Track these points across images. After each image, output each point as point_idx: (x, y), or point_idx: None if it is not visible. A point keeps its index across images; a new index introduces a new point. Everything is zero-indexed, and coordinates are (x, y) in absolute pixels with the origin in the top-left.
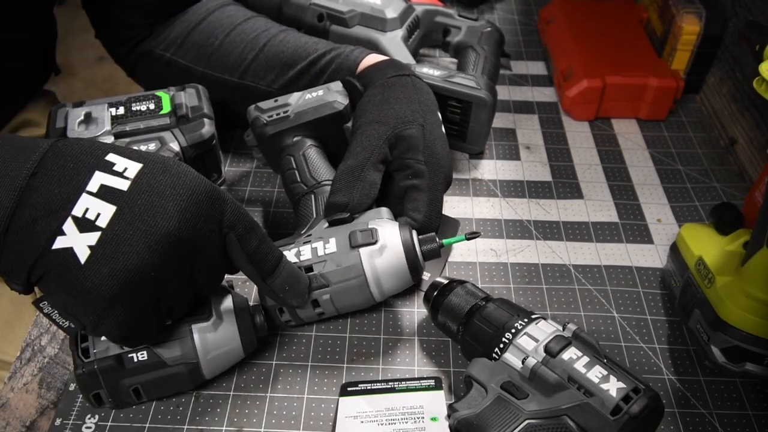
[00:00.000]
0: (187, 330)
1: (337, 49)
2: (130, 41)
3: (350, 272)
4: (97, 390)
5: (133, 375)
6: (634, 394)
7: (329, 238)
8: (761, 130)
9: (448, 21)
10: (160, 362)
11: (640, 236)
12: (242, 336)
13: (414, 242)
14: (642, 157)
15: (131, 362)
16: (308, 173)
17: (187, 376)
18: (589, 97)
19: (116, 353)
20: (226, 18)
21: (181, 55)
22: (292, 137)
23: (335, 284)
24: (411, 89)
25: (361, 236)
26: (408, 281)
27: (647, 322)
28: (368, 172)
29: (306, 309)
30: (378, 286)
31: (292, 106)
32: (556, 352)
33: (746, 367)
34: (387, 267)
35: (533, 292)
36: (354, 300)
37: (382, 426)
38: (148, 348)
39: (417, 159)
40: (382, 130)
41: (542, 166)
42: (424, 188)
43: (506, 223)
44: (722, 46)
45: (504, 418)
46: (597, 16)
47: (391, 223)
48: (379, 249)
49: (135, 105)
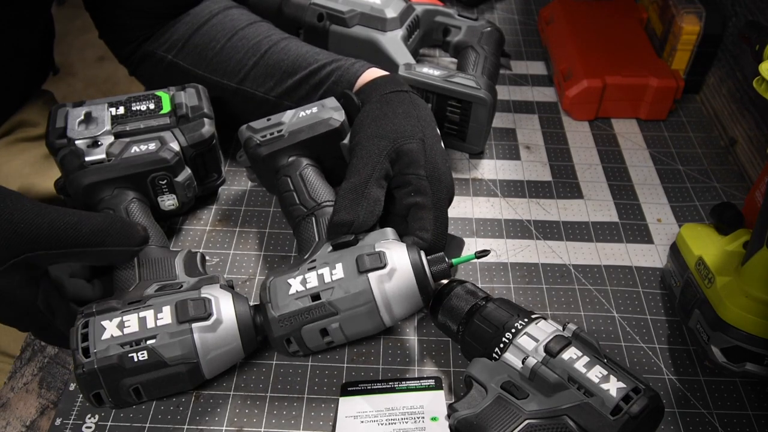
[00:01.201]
0: (188, 329)
1: (338, 61)
2: (133, 42)
3: (359, 299)
4: (98, 390)
5: (133, 375)
6: (634, 394)
7: (335, 263)
8: (761, 130)
9: (448, 21)
10: (161, 362)
11: (640, 236)
12: (242, 336)
13: (423, 264)
14: (642, 157)
15: (131, 362)
16: (307, 194)
17: (187, 376)
18: (589, 97)
19: (117, 353)
20: (228, 22)
21: (182, 57)
22: (288, 157)
23: (344, 312)
24: (409, 105)
25: (369, 260)
26: (419, 304)
27: (647, 322)
28: (371, 189)
29: (314, 338)
30: (389, 310)
31: (286, 125)
32: (556, 352)
33: (746, 367)
34: (397, 291)
35: (533, 292)
36: (364, 327)
37: (382, 426)
38: (149, 348)
39: (419, 174)
40: (382, 145)
41: (542, 166)
42: (429, 206)
43: (506, 223)
44: (722, 46)
45: (504, 418)
46: (597, 16)
47: (398, 245)
48: (389, 273)
49: (135, 105)
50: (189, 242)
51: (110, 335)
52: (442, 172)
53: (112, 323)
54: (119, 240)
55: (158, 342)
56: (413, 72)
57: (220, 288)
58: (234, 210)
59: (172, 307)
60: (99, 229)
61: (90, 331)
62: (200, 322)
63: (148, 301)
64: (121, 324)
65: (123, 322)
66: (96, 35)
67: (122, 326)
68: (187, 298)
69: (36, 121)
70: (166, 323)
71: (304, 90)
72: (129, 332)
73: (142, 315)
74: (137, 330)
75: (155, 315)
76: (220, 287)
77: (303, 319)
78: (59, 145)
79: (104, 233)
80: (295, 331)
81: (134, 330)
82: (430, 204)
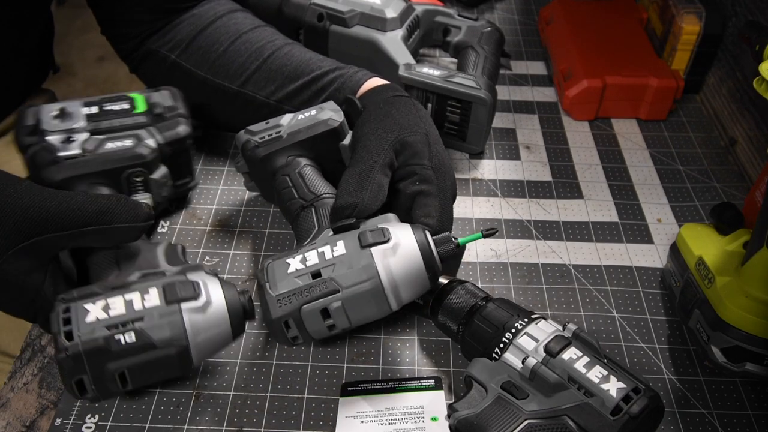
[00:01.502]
0: (177, 310)
1: (341, 69)
2: (135, 38)
3: (363, 274)
4: (81, 375)
5: (119, 358)
6: (634, 394)
7: (336, 241)
8: (761, 130)
9: (448, 21)
10: (149, 344)
11: (640, 236)
12: (232, 318)
13: (429, 241)
14: (642, 157)
15: (118, 344)
16: (306, 189)
17: (176, 360)
18: (589, 97)
19: (103, 335)
20: (233, 25)
21: (185, 58)
22: (286, 157)
23: (347, 288)
24: (411, 106)
25: (371, 235)
26: (425, 285)
27: (647, 322)
28: (376, 175)
29: (315, 321)
30: (394, 289)
31: (285, 127)
32: (556, 352)
33: (746, 367)
34: (402, 267)
35: (533, 292)
36: (368, 308)
37: (382, 426)
38: (137, 330)
39: (423, 164)
40: (387, 136)
41: (542, 166)
42: (434, 193)
43: (506, 223)
44: (722, 46)
45: (504, 418)
46: (597, 16)
47: (402, 225)
48: (393, 248)
49: (108, 105)
50: (189, 242)
51: (95, 318)
52: (447, 165)
53: (96, 306)
54: (126, 217)
55: (146, 323)
56: (413, 72)
57: (206, 273)
58: (234, 210)
59: (160, 289)
60: (105, 208)
61: (72, 314)
62: (190, 302)
63: (132, 286)
64: (106, 306)
65: (108, 305)
66: (96, 35)
67: (107, 309)
68: (175, 280)
69: None
70: (154, 305)
71: (306, 95)
72: (115, 314)
73: (128, 297)
74: (123, 312)
75: (142, 296)
76: (205, 273)
77: (303, 297)
78: (29, 142)
79: (111, 212)
80: (295, 311)
81: (120, 312)
82: (435, 192)
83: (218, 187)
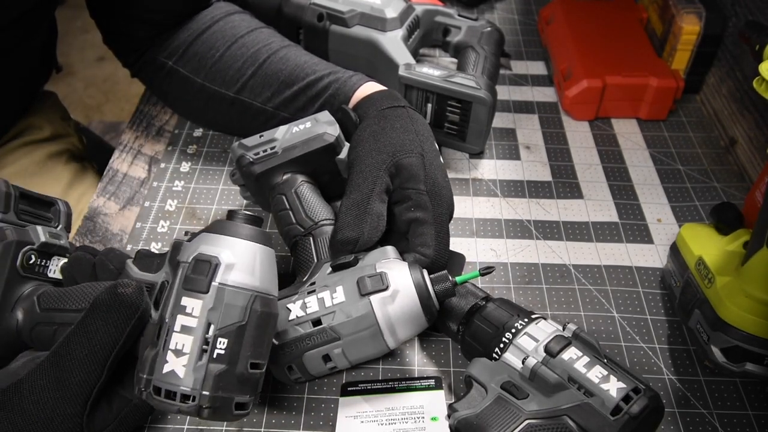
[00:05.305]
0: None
1: (336, 73)
2: (137, 51)
3: (362, 323)
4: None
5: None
6: (634, 394)
7: (335, 286)
8: (761, 130)
9: (448, 21)
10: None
11: (640, 236)
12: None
13: (427, 283)
14: (642, 157)
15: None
16: (303, 213)
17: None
18: (589, 97)
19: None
20: (229, 29)
21: (182, 64)
22: (282, 174)
23: (347, 336)
24: (407, 119)
25: (370, 283)
26: (423, 325)
27: (647, 322)
28: (374, 204)
29: (317, 365)
30: (392, 334)
31: (279, 141)
32: (556, 352)
33: (746, 367)
34: (401, 313)
35: (533, 292)
36: (367, 351)
37: (382, 426)
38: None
39: (418, 189)
40: (381, 159)
41: (542, 166)
42: (429, 221)
43: (506, 223)
44: (722, 46)
45: (504, 418)
46: (597, 16)
47: (399, 264)
48: (391, 295)
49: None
50: None
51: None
52: (442, 186)
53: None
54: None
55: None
56: (413, 72)
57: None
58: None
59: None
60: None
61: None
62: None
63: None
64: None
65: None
66: (96, 35)
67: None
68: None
69: (41, 125)
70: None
71: (301, 102)
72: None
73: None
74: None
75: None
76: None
77: (305, 345)
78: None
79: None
80: (297, 358)
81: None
82: (431, 219)
83: (218, 187)
